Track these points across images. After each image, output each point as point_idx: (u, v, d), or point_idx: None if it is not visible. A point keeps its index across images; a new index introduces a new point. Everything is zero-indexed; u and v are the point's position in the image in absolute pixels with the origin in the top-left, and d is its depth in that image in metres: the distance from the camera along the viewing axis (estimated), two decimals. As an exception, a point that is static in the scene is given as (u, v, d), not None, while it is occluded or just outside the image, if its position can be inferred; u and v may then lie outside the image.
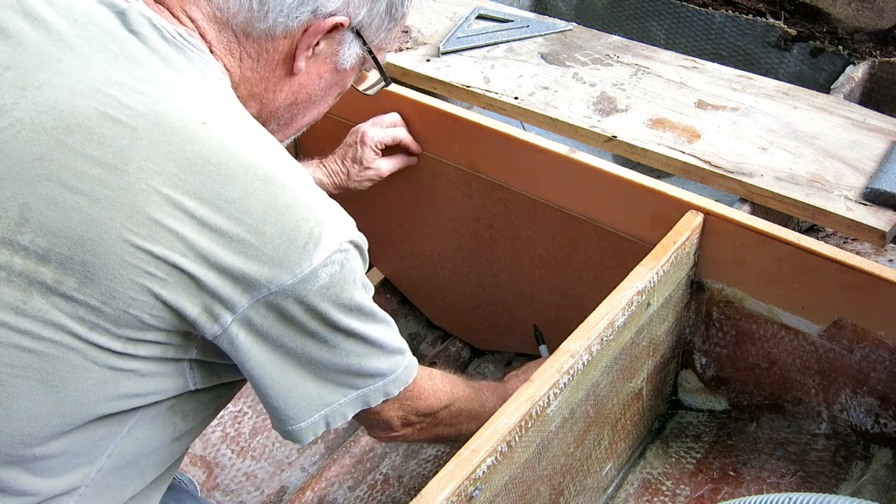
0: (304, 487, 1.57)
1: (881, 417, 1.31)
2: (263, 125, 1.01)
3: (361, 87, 1.20)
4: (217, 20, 0.95)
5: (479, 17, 1.89)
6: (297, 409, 0.95)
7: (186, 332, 0.88)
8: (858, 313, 1.24)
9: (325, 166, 1.57)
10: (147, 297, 0.84)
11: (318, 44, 1.00)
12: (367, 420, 1.07)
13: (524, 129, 1.64)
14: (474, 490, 0.97)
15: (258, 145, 0.89)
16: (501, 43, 1.80)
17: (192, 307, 0.85)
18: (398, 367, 1.01)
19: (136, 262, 0.83)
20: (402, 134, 1.58)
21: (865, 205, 1.34)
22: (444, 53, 1.77)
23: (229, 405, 1.70)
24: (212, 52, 0.96)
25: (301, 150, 1.87)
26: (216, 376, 0.96)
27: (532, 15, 1.94)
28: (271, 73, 1.00)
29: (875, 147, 1.46)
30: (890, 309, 1.21)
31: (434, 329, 1.91)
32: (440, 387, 1.14)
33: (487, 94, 1.65)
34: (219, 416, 1.69)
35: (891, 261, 1.41)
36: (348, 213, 0.95)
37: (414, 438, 1.16)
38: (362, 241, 0.94)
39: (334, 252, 0.88)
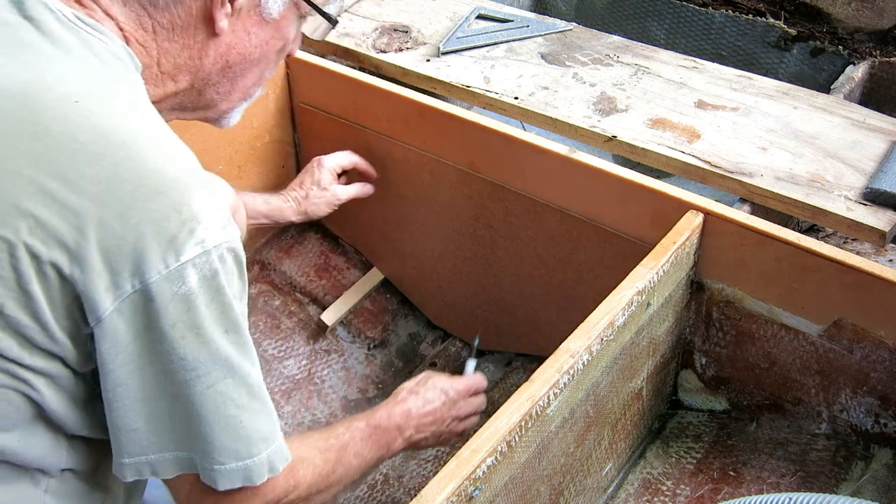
0: (304, 487, 1.57)
1: (881, 417, 1.31)
2: (200, 94, 0.99)
3: (307, 31, 1.15)
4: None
5: (479, 17, 1.89)
6: (128, 445, 0.85)
7: (72, 335, 0.82)
8: (858, 313, 1.24)
9: (285, 193, 1.61)
10: (16, 292, 0.79)
11: None
12: (182, 496, 0.93)
13: (524, 129, 1.64)
14: (474, 490, 0.97)
15: (136, 124, 0.83)
16: (501, 43, 1.80)
17: (62, 303, 0.80)
18: (278, 434, 0.91)
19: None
20: (357, 159, 1.65)
21: (865, 205, 1.34)
22: (444, 53, 1.77)
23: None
24: (122, 30, 0.91)
25: (301, 150, 1.87)
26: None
27: (532, 15, 1.94)
28: (192, 39, 0.94)
29: (875, 147, 1.46)
30: (890, 309, 1.21)
31: (434, 329, 1.91)
32: (286, 473, 0.95)
33: (487, 94, 1.65)
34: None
35: (891, 261, 1.41)
36: (349, 213, 0.92)
37: None
38: (241, 255, 0.86)
39: (206, 253, 0.81)
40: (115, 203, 0.79)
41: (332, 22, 1.09)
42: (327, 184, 1.60)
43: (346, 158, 1.64)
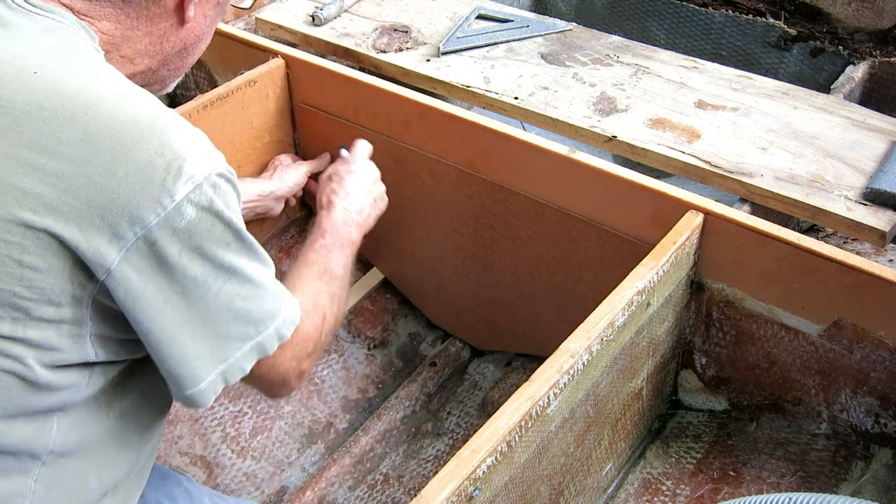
0: (304, 487, 1.58)
1: (881, 417, 1.31)
2: (154, 73, 1.02)
3: (235, 2, 1.20)
4: None
5: (479, 17, 1.89)
6: (192, 370, 0.89)
7: (72, 295, 0.84)
8: (858, 313, 1.24)
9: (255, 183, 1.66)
10: (13, 268, 0.80)
11: None
12: (264, 378, 1.01)
13: (524, 129, 1.64)
14: (474, 490, 0.97)
15: (100, 84, 0.85)
16: (501, 43, 1.80)
17: (62, 267, 0.81)
18: (284, 306, 0.97)
19: None
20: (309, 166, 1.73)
21: (865, 205, 1.34)
22: (444, 53, 1.77)
23: (229, 405, 1.70)
24: (80, 17, 0.93)
25: (301, 150, 1.87)
26: (121, 350, 0.92)
27: (532, 15, 1.94)
28: (155, 28, 0.97)
29: (875, 147, 1.46)
30: (890, 309, 1.21)
31: (434, 329, 1.91)
32: (311, 311, 1.08)
33: (487, 94, 1.65)
34: (219, 416, 1.69)
35: (891, 261, 1.40)
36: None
37: (306, 375, 1.12)
38: (232, 174, 0.89)
39: (198, 186, 0.84)
40: (97, 161, 0.80)
41: None
42: (287, 164, 1.70)
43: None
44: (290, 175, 1.68)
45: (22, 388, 0.86)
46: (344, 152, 1.55)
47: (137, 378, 0.97)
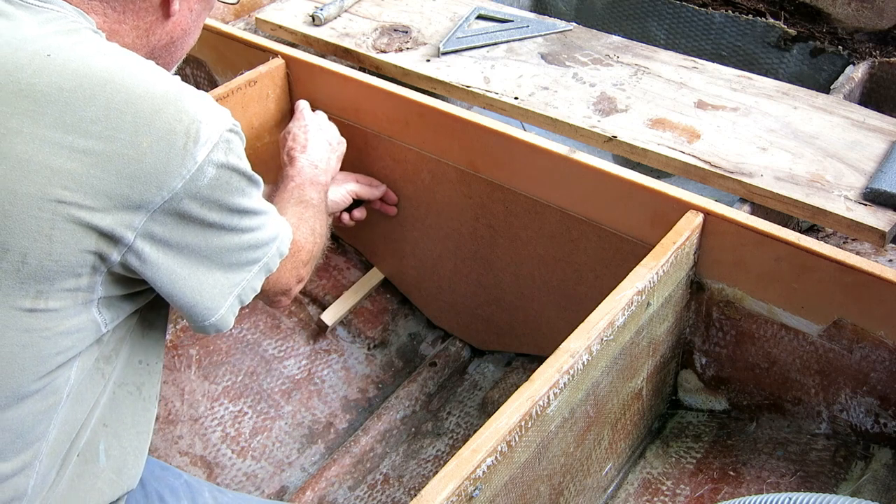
0: (304, 487, 1.58)
1: (881, 417, 1.31)
2: None
3: None
4: None
5: (479, 17, 1.89)
6: (213, 300, 0.97)
7: (92, 266, 0.88)
8: (858, 313, 1.24)
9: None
10: (43, 243, 0.84)
11: None
12: (269, 290, 1.11)
13: (524, 129, 1.64)
14: (474, 490, 0.97)
15: (110, 61, 0.89)
16: (501, 43, 1.80)
17: (89, 239, 0.86)
18: (279, 224, 1.06)
19: (19, 209, 0.83)
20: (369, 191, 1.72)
21: (865, 205, 1.34)
22: (444, 53, 1.77)
23: (229, 405, 1.70)
24: (74, 6, 0.96)
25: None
26: (122, 309, 0.97)
27: (532, 15, 1.94)
28: (141, 21, 1.01)
29: (875, 147, 1.46)
30: (890, 309, 1.21)
31: (434, 329, 1.91)
32: (298, 224, 1.21)
33: (487, 94, 1.65)
34: (219, 416, 1.69)
35: (891, 261, 1.40)
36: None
37: (305, 281, 1.23)
38: (236, 125, 0.95)
39: (215, 145, 0.90)
40: (121, 135, 0.85)
41: None
42: (339, 177, 1.63)
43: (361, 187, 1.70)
44: (330, 192, 1.59)
45: (38, 362, 0.89)
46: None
47: (132, 328, 1.02)
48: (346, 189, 1.62)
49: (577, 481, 1.28)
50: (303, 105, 1.62)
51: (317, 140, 1.51)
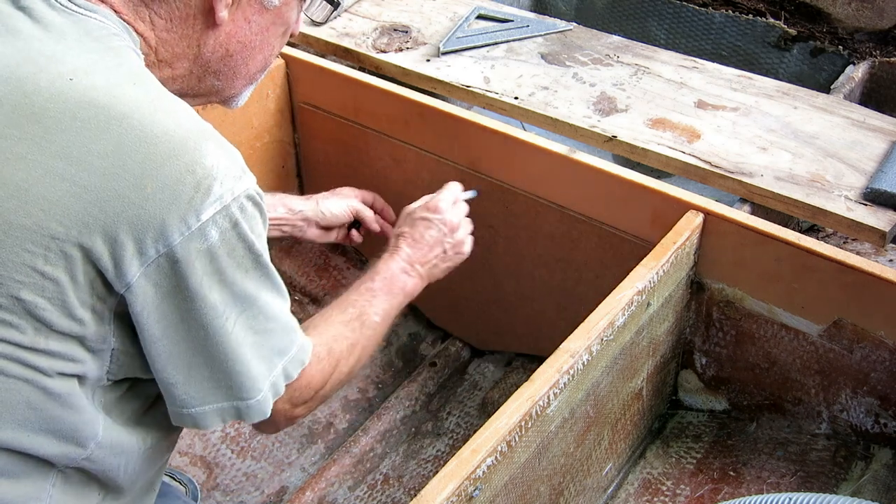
0: (304, 487, 1.57)
1: (881, 417, 1.31)
2: (200, 81, 0.99)
3: (310, 13, 1.15)
4: None
5: (479, 17, 1.89)
6: (201, 393, 0.89)
7: (94, 310, 0.83)
8: (858, 313, 1.24)
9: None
10: (35, 278, 0.79)
11: None
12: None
13: (524, 128, 1.64)
14: (474, 490, 0.97)
15: (136, 93, 0.83)
16: (501, 43, 1.80)
17: (83, 280, 0.80)
18: (295, 343, 0.95)
19: (13, 241, 0.79)
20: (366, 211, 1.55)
21: (865, 205, 1.34)
22: (444, 53, 1.77)
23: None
24: (121, 17, 0.91)
25: (301, 150, 1.87)
26: (139, 368, 0.91)
27: (532, 15, 1.94)
28: (190, 30, 0.94)
29: (875, 147, 1.46)
30: (890, 309, 1.21)
31: (434, 329, 1.91)
32: (322, 356, 1.03)
33: (487, 94, 1.65)
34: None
35: (891, 261, 1.40)
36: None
37: (299, 419, 1.06)
38: (261, 197, 0.88)
39: (226, 207, 0.83)
40: (127, 175, 0.79)
41: (335, 4, 1.10)
42: (344, 192, 1.51)
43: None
44: (330, 203, 1.50)
45: (45, 402, 0.85)
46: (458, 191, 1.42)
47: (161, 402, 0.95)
48: (348, 205, 1.49)
49: (577, 481, 1.28)
50: (449, 190, 1.38)
51: (434, 239, 1.32)
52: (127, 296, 0.82)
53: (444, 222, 1.33)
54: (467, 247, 1.37)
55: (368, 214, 1.52)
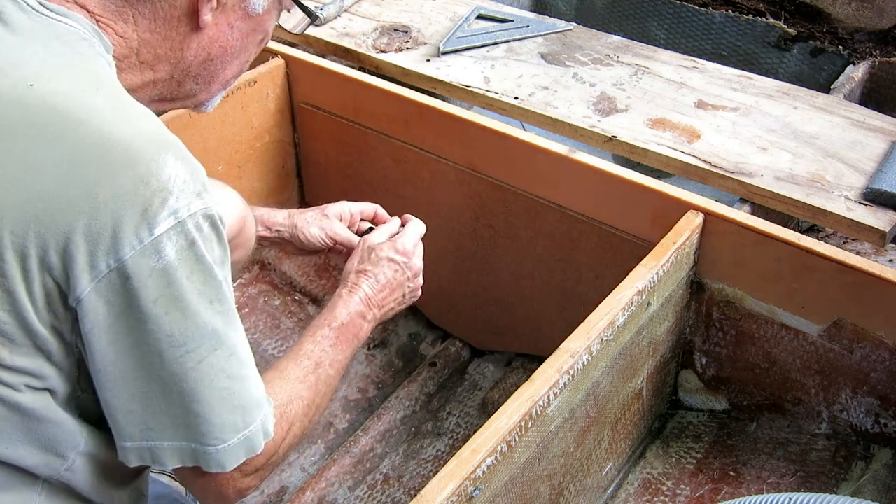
0: (304, 487, 1.57)
1: (881, 417, 1.31)
2: (179, 85, 0.98)
3: (288, 26, 1.14)
4: None
5: (479, 17, 1.89)
6: (127, 427, 0.83)
7: (53, 327, 0.80)
8: (858, 313, 1.24)
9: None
10: None
11: None
12: (197, 482, 0.90)
13: (524, 128, 1.64)
14: (474, 490, 0.97)
15: (98, 100, 0.81)
16: (501, 43, 1.80)
17: (39, 293, 0.78)
18: (266, 402, 0.88)
19: None
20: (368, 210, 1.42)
21: (865, 205, 1.34)
22: (444, 53, 1.77)
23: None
24: (97, 20, 0.89)
25: (301, 150, 1.87)
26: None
27: (532, 15, 1.94)
28: (174, 32, 0.93)
29: (875, 147, 1.46)
30: (890, 309, 1.21)
31: (434, 329, 1.91)
32: (277, 420, 0.94)
33: (487, 94, 1.65)
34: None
35: (891, 261, 1.41)
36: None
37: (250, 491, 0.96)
38: (221, 221, 0.83)
39: (181, 223, 0.78)
40: (80, 182, 0.76)
41: (313, 17, 1.09)
42: (330, 213, 1.37)
43: (357, 207, 1.41)
44: (309, 227, 1.36)
45: (20, 417, 0.83)
46: (390, 226, 1.33)
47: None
48: (325, 234, 1.34)
49: (577, 481, 1.28)
50: (413, 231, 1.30)
51: (396, 282, 1.24)
52: (78, 311, 0.79)
53: (410, 267, 1.26)
54: (420, 292, 1.30)
55: (349, 241, 1.35)
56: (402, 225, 1.33)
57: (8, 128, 0.78)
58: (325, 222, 1.35)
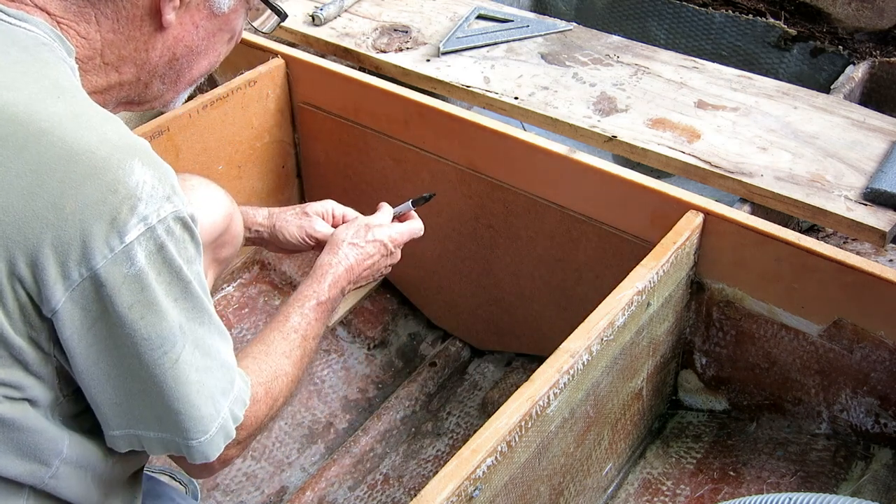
0: (304, 487, 1.57)
1: (881, 417, 1.31)
2: (147, 87, 0.97)
3: (256, 24, 1.13)
4: None
5: (479, 17, 1.89)
6: (115, 417, 0.85)
7: (30, 338, 0.80)
8: (858, 313, 1.24)
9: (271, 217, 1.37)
10: None
11: None
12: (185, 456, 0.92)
13: (524, 128, 1.64)
14: (474, 490, 0.97)
15: (59, 108, 0.79)
16: (501, 43, 1.80)
17: (13, 306, 0.77)
18: (235, 383, 0.90)
19: None
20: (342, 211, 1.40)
21: (865, 205, 1.34)
22: (444, 53, 1.77)
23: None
24: (59, 22, 0.88)
25: (301, 150, 1.87)
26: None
27: (532, 15, 1.94)
28: (137, 31, 0.92)
29: (875, 147, 1.46)
30: (890, 309, 1.21)
31: (434, 329, 1.91)
32: (261, 397, 0.98)
33: (487, 94, 1.65)
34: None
35: (891, 261, 1.41)
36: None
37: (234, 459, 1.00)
38: (193, 220, 0.83)
39: (151, 229, 0.78)
40: (45, 194, 0.75)
41: (282, 16, 1.08)
42: (311, 211, 1.35)
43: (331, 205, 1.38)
44: (287, 226, 1.34)
45: (1, 428, 0.82)
46: (390, 209, 1.35)
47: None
48: (305, 232, 1.32)
49: (577, 481, 1.28)
50: (415, 228, 1.32)
51: (375, 259, 1.26)
52: (55, 321, 0.78)
53: (394, 256, 1.29)
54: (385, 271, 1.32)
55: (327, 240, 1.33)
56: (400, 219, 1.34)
57: None
58: (304, 221, 1.33)
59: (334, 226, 1.35)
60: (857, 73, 1.90)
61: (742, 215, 1.30)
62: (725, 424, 1.47)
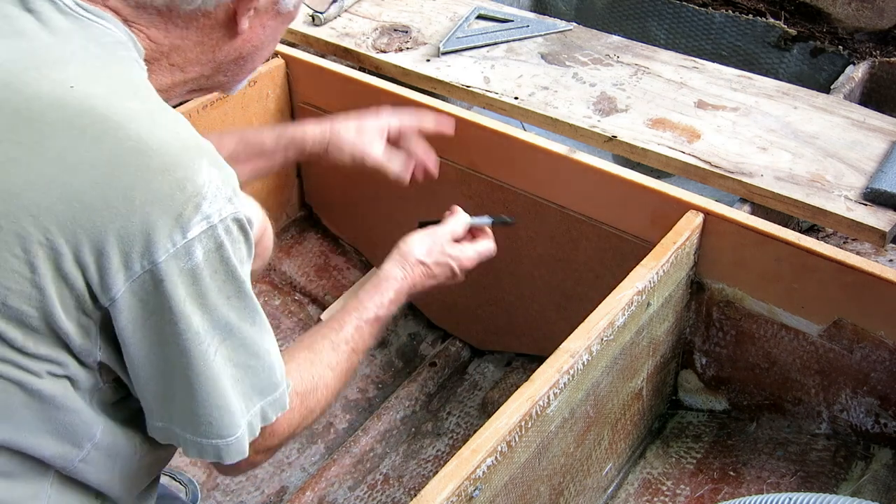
0: (304, 487, 1.57)
1: (881, 417, 1.31)
2: (208, 79, 1.00)
3: (314, 5, 1.16)
4: (133, 4, 0.90)
5: (479, 17, 1.89)
6: (158, 409, 0.87)
7: (80, 324, 0.82)
8: (858, 313, 1.24)
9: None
10: (21, 284, 0.78)
11: None
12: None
13: (524, 128, 1.64)
14: (474, 490, 0.97)
15: (135, 104, 0.83)
16: (501, 43, 1.80)
17: (69, 292, 0.79)
18: (276, 389, 0.91)
19: (1, 245, 0.77)
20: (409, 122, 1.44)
21: (865, 205, 1.34)
22: (444, 53, 1.77)
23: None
24: (130, 25, 0.90)
25: (301, 150, 1.87)
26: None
27: (532, 15, 1.94)
28: (207, 38, 0.94)
29: (875, 147, 1.46)
30: (890, 309, 1.21)
31: (434, 329, 1.91)
32: (296, 406, 0.97)
33: (487, 94, 1.65)
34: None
35: (891, 261, 1.41)
36: (349, 213, 0.90)
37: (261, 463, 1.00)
38: (250, 223, 0.86)
39: (212, 227, 0.81)
40: (117, 184, 0.78)
41: None
42: (369, 129, 1.39)
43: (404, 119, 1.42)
44: (349, 130, 1.40)
45: (39, 405, 0.84)
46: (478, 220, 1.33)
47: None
48: (355, 152, 1.37)
49: (577, 481, 1.28)
50: (487, 251, 1.30)
51: (440, 280, 1.26)
52: (111, 310, 0.81)
53: (457, 280, 1.28)
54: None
55: (380, 166, 1.40)
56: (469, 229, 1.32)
57: (48, 127, 0.79)
58: (358, 140, 1.38)
59: (390, 140, 1.38)
60: (857, 73, 1.89)
61: (742, 215, 1.30)
62: (725, 424, 1.47)
